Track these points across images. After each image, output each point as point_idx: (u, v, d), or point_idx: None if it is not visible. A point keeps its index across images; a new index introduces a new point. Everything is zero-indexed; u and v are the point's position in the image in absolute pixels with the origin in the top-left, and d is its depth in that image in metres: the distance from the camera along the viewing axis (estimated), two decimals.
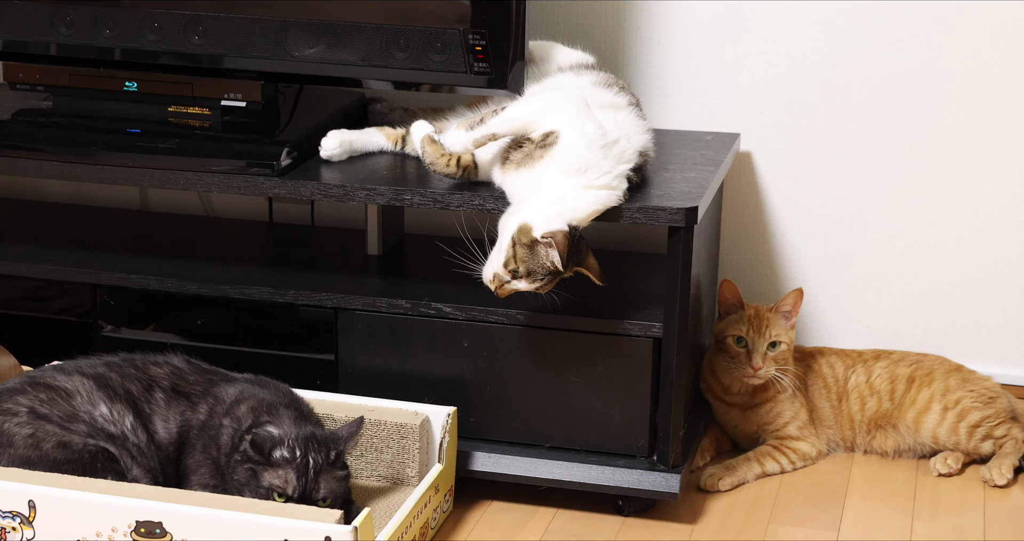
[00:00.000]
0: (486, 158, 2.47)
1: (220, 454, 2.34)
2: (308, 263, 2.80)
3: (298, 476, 2.25)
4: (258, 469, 2.25)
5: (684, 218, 2.36)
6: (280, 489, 2.24)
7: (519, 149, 2.39)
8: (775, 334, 2.67)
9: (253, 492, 2.25)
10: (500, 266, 2.33)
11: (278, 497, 2.24)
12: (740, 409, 2.75)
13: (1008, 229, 2.83)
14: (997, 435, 2.69)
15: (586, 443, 2.55)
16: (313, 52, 2.60)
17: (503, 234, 2.35)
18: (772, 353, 2.67)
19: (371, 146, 2.65)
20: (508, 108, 2.42)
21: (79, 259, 2.74)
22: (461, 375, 2.57)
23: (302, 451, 2.26)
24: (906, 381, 2.74)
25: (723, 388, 2.75)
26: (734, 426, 2.77)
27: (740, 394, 2.73)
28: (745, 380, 2.69)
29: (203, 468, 2.35)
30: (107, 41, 2.67)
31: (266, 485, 2.24)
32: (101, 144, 2.61)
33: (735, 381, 2.72)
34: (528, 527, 2.51)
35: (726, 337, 2.69)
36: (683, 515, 2.55)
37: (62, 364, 2.44)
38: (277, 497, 2.24)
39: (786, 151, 2.87)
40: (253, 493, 2.25)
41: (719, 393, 2.76)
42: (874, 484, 2.66)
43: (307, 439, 2.28)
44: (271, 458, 2.25)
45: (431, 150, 2.46)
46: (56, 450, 2.27)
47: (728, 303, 2.72)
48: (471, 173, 2.48)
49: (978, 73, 2.76)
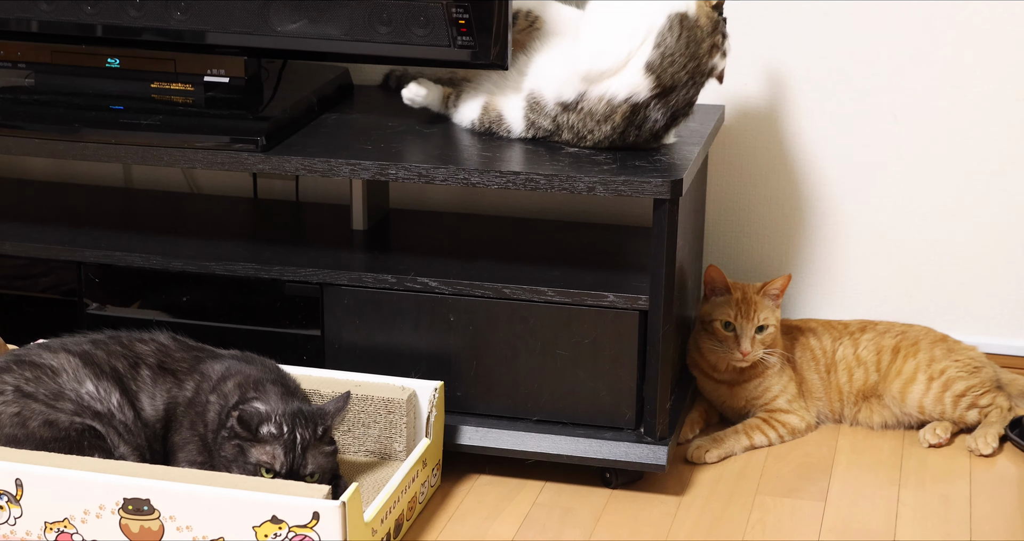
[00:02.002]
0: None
1: (207, 431, 2.34)
2: (293, 239, 2.80)
3: (285, 452, 2.25)
4: (245, 445, 2.25)
5: (669, 190, 2.36)
6: (268, 465, 2.24)
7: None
8: (763, 318, 2.67)
9: (241, 468, 2.25)
10: None
11: (266, 473, 2.24)
12: (728, 386, 2.75)
13: (992, 199, 2.83)
14: (982, 404, 2.70)
15: (573, 416, 2.56)
16: (296, 27, 2.59)
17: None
18: (760, 336, 2.67)
19: (436, 101, 2.68)
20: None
21: (63, 237, 2.73)
22: (448, 349, 2.57)
23: (289, 427, 2.26)
24: (892, 352, 2.75)
25: (710, 366, 2.75)
26: (722, 401, 2.77)
27: (727, 372, 2.74)
28: (733, 364, 2.69)
29: (190, 445, 2.35)
30: (89, 17, 2.66)
31: (254, 461, 2.24)
32: (84, 121, 2.60)
33: (721, 361, 2.72)
34: (516, 500, 2.51)
35: (713, 320, 2.69)
36: (670, 487, 2.56)
37: (47, 342, 2.44)
38: (265, 473, 2.24)
39: (771, 123, 2.87)
40: (241, 469, 2.25)
41: (706, 370, 2.76)
42: (861, 454, 2.67)
43: (294, 415, 2.28)
44: (258, 434, 2.25)
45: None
46: (42, 428, 2.27)
47: (714, 286, 2.72)
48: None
49: (962, 46, 2.76)
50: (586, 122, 2.48)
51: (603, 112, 2.46)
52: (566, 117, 2.50)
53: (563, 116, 2.50)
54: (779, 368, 2.72)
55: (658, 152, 2.51)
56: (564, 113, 2.50)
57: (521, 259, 2.65)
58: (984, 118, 2.79)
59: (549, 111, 2.51)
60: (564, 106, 2.49)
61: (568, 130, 2.50)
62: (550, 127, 2.52)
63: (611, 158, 2.47)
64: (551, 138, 2.54)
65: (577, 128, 2.49)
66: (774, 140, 2.88)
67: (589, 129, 2.48)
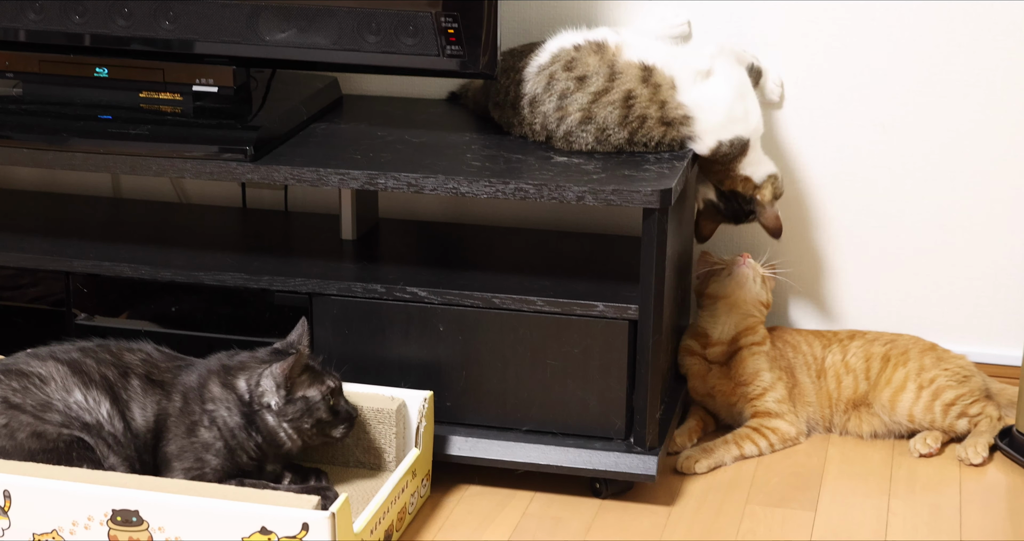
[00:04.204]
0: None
1: (227, 434, 2.35)
2: (282, 249, 2.79)
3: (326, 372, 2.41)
4: (297, 395, 2.36)
5: (659, 200, 2.36)
6: (329, 389, 2.38)
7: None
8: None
9: (312, 420, 2.36)
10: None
11: (331, 400, 2.38)
12: (719, 367, 2.74)
13: (981, 208, 2.84)
14: (972, 413, 2.70)
15: (563, 426, 2.55)
16: (285, 36, 2.59)
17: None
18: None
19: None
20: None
21: (51, 247, 2.73)
22: (437, 359, 2.56)
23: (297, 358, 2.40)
24: (881, 360, 2.75)
25: (704, 342, 2.76)
26: (712, 391, 2.76)
27: (720, 342, 2.74)
28: (737, 269, 2.74)
29: (187, 453, 2.35)
30: (77, 27, 2.65)
31: (317, 397, 2.37)
32: (72, 131, 2.59)
33: (719, 319, 2.75)
34: (506, 511, 2.51)
35: (710, 263, 2.78)
36: (660, 497, 2.55)
37: (36, 350, 2.43)
38: (329, 403, 2.38)
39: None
40: (312, 422, 2.37)
41: (698, 350, 2.76)
42: (851, 464, 2.67)
43: (283, 353, 2.40)
44: (299, 378, 2.36)
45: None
46: (30, 440, 2.26)
47: (710, 261, 2.79)
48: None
49: (953, 54, 2.76)
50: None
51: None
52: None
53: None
54: (767, 351, 2.73)
55: (647, 161, 2.51)
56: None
57: (510, 269, 2.65)
58: (974, 126, 2.79)
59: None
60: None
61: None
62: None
63: (600, 167, 2.47)
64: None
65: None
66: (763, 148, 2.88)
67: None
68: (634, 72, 2.54)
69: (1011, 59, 2.74)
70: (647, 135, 2.53)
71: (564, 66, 2.56)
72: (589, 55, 2.56)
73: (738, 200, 2.67)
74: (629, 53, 2.56)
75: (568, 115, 2.53)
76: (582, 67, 2.55)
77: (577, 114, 2.53)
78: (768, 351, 2.75)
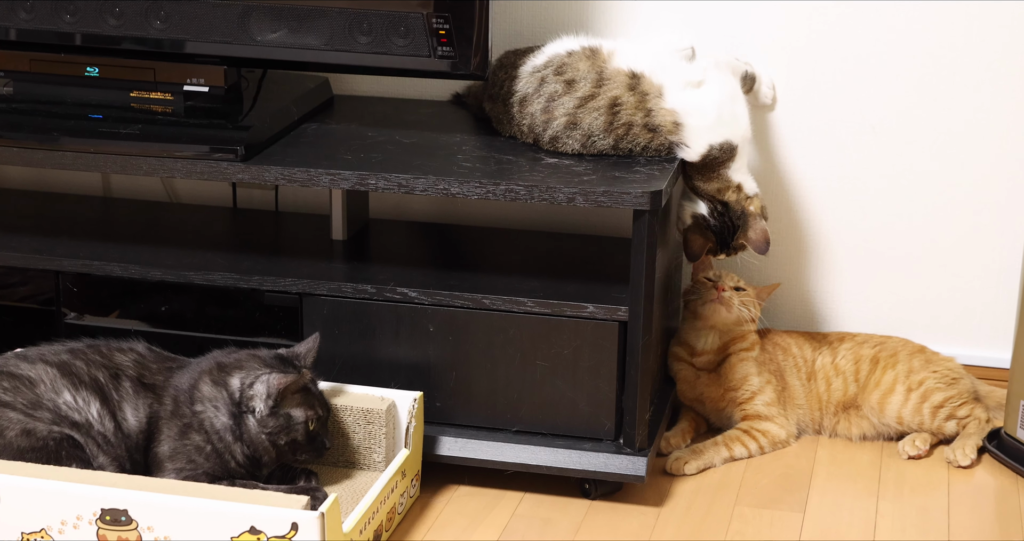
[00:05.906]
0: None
1: (215, 437, 2.34)
2: (273, 248, 2.79)
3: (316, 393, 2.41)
4: (282, 410, 2.36)
5: (649, 201, 2.37)
6: (316, 416, 2.39)
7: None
8: (742, 284, 2.75)
9: (287, 439, 2.37)
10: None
11: (311, 426, 2.38)
12: (707, 374, 2.75)
13: (969, 210, 2.84)
14: (960, 415, 2.71)
15: (552, 427, 2.56)
16: (276, 37, 2.59)
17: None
18: (738, 294, 2.72)
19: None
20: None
21: (41, 246, 2.72)
22: (427, 360, 2.56)
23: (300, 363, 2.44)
24: (870, 362, 2.76)
25: (690, 351, 2.76)
26: (701, 396, 2.76)
27: (706, 352, 2.74)
28: (709, 303, 2.71)
29: (180, 455, 2.34)
30: (68, 26, 2.65)
31: (301, 418, 2.37)
32: (63, 130, 2.59)
33: (701, 334, 2.74)
34: (495, 511, 2.51)
35: (696, 280, 2.75)
36: (650, 498, 2.56)
37: (25, 352, 2.43)
38: (309, 429, 2.38)
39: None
40: (287, 440, 2.37)
41: (686, 357, 2.76)
42: (840, 465, 2.68)
43: (280, 357, 2.43)
44: (292, 395, 2.37)
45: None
46: (20, 438, 2.26)
47: (704, 265, 2.80)
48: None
49: (944, 57, 2.77)
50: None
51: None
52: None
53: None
54: (756, 356, 2.73)
55: (638, 163, 2.51)
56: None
57: (501, 270, 2.65)
58: (962, 126, 2.80)
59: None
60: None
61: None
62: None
63: (591, 169, 2.48)
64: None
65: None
66: (753, 151, 2.89)
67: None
68: (622, 79, 2.54)
69: (1002, 62, 2.75)
70: (633, 142, 2.53)
71: (556, 70, 2.56)
72: (581, 60, 2.56)
73: (729, 214, 2.64)
74: (619, 60, 2.56)
75: (554, 119, 2.54)
76: (572, 71, 2.55)
77: (563, 119, 2.53)
78: (757, 356, 2.75)
